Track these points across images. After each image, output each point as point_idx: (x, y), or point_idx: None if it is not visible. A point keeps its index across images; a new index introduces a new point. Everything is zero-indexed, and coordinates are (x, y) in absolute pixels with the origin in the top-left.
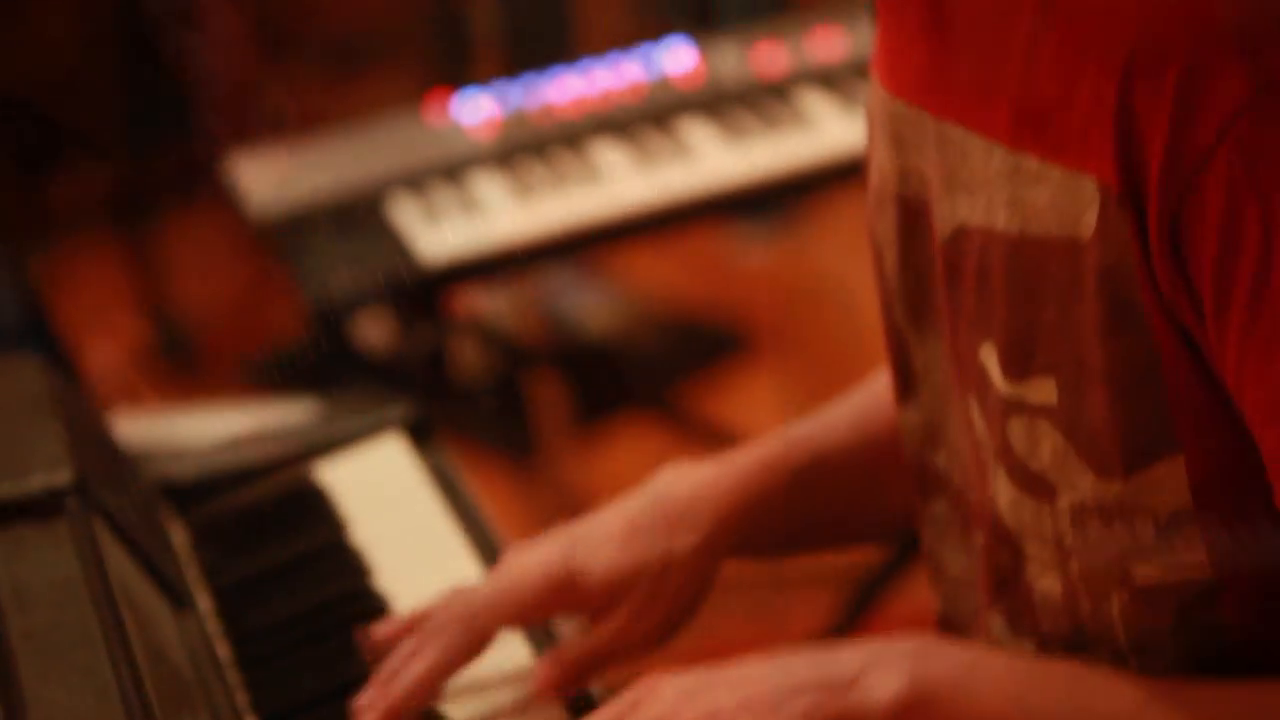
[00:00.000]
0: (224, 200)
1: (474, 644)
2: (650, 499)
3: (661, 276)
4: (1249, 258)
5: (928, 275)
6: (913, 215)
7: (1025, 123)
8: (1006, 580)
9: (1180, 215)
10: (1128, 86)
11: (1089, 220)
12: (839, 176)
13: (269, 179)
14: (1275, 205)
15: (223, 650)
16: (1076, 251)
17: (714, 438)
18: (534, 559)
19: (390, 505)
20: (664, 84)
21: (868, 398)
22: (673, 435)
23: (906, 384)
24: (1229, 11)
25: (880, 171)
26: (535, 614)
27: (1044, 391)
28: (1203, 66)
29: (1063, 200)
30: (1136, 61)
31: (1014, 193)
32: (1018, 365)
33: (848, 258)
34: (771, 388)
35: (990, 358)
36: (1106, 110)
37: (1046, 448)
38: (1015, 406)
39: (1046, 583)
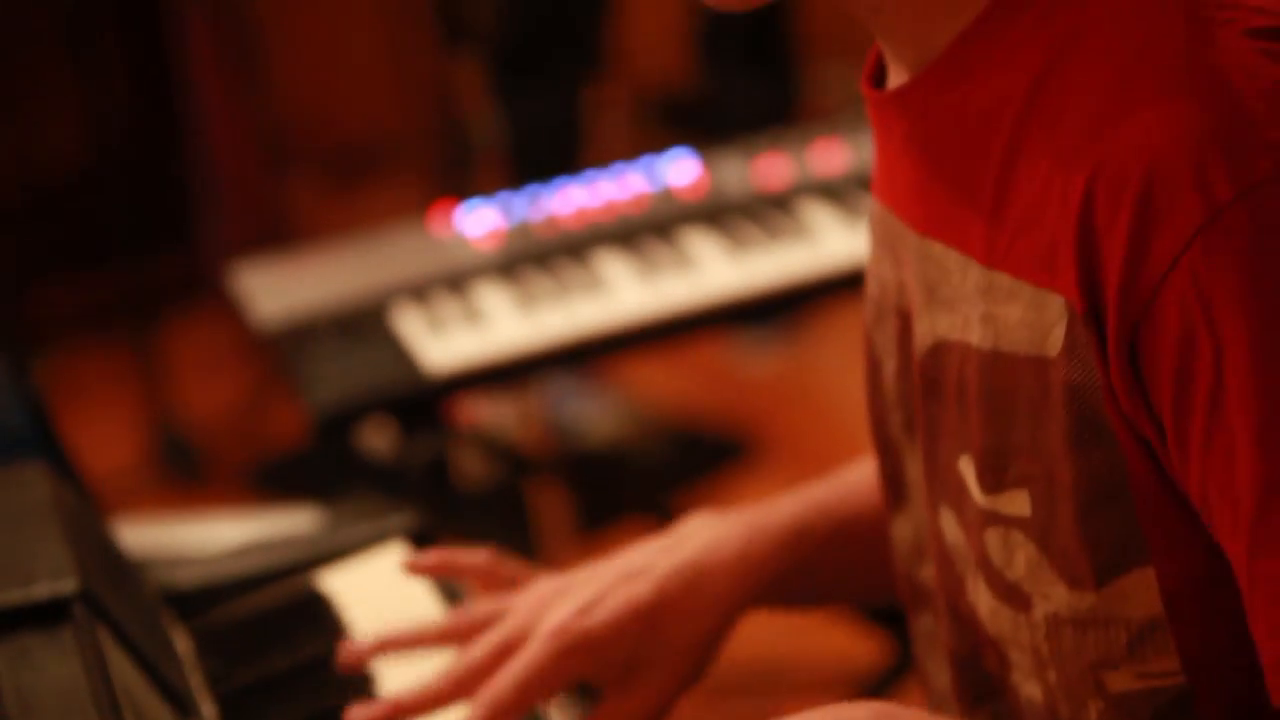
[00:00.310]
0: (227, 307)
1: None
2: (678, 561)
3: (664, 385)
4: (1203, 381)
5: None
6: (905, 327)
7: (999, 241)
8: (994, 686)
9: (1137, 338)
10: (1088, 210)
11: (1056, 337)
12: (841, 287)
13: (273, 288)
14: (1225, 330)
15: None
16: (1045, 368)
17: None
18: (549, 630)
19: (393, 614)
20: (667, 195)
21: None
22: None
23: (899, 496)
24: (1182, 140)
25: (881, 283)
26: (559, 687)
27: (1018, 504)
28: (1156, 194)
29: (1032, 317)
30: (1096, 187)
31: (988, 309)
32: (993, 477)
33: (850, 367)
34: (772, 495)
35: (968, 470)
36: (1069, 232)
37: (1021, 559)
38: (991, 518)
39: (1029, 689)
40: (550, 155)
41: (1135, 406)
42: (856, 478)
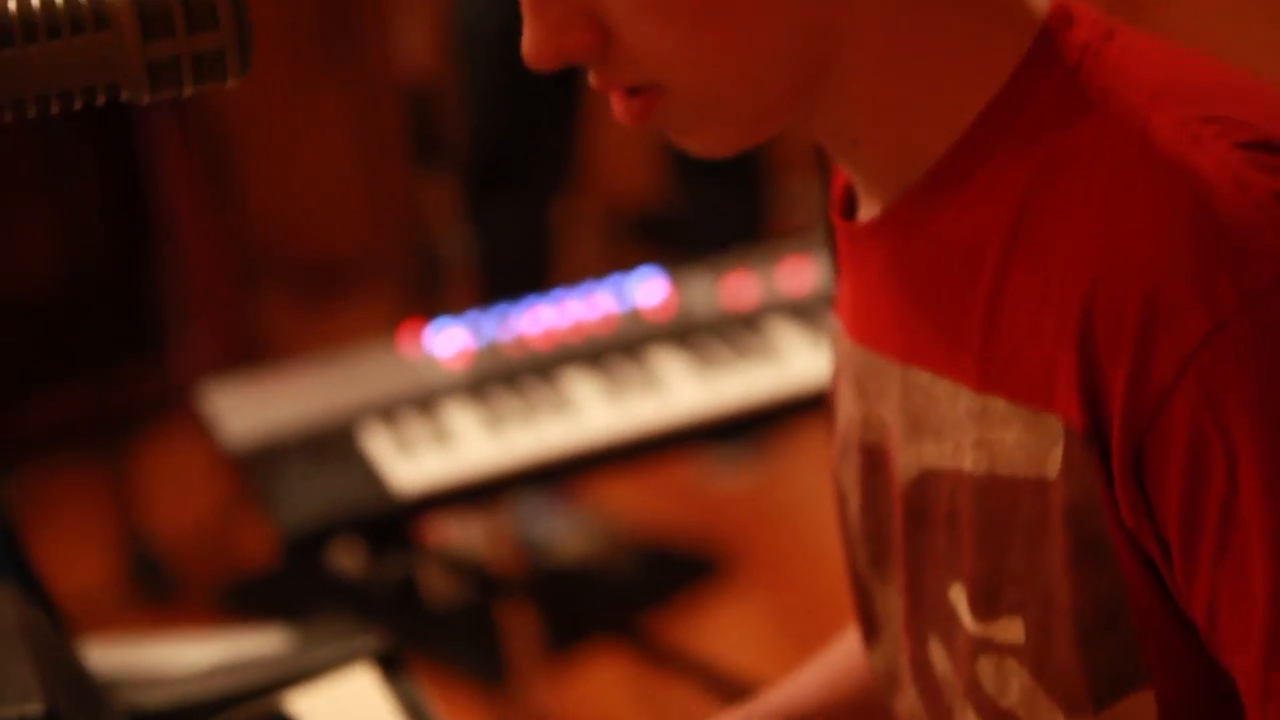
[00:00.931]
0: (198, 425)
1: None
2: None
3: (634, 502)
4: (1216, 489)
5: (888, 521)
6: (874, 462)
7: (991, 366)
8: None
9: (1144, 451)
10: (1088, 328)
11: (1055, 458)
12: (810, 406)
13: (242, 407)
14: (1237, 435)
15: None
16: (1044, 490)
17: (686, 665)
18: None
19: None
20: (635, 315)
21: (838, 655)
22: (645, 662)
23: (871, 628)
24: (1182, 252)
25: (846, 418)
26: None
27: (1012, 631)
28: (1160, 306)
29: (1029, 440)
30: (1095, 304)
31: (981, 434)
32: (986, 605)
33: (821, 485)
34: (744, 614)
35: (960, 598)
36: (1069, 352)
37: (1015, 686)
38: (984, 645)
39: None
40: (519, 274)
41: (1140, 523)
42: (839, 657)
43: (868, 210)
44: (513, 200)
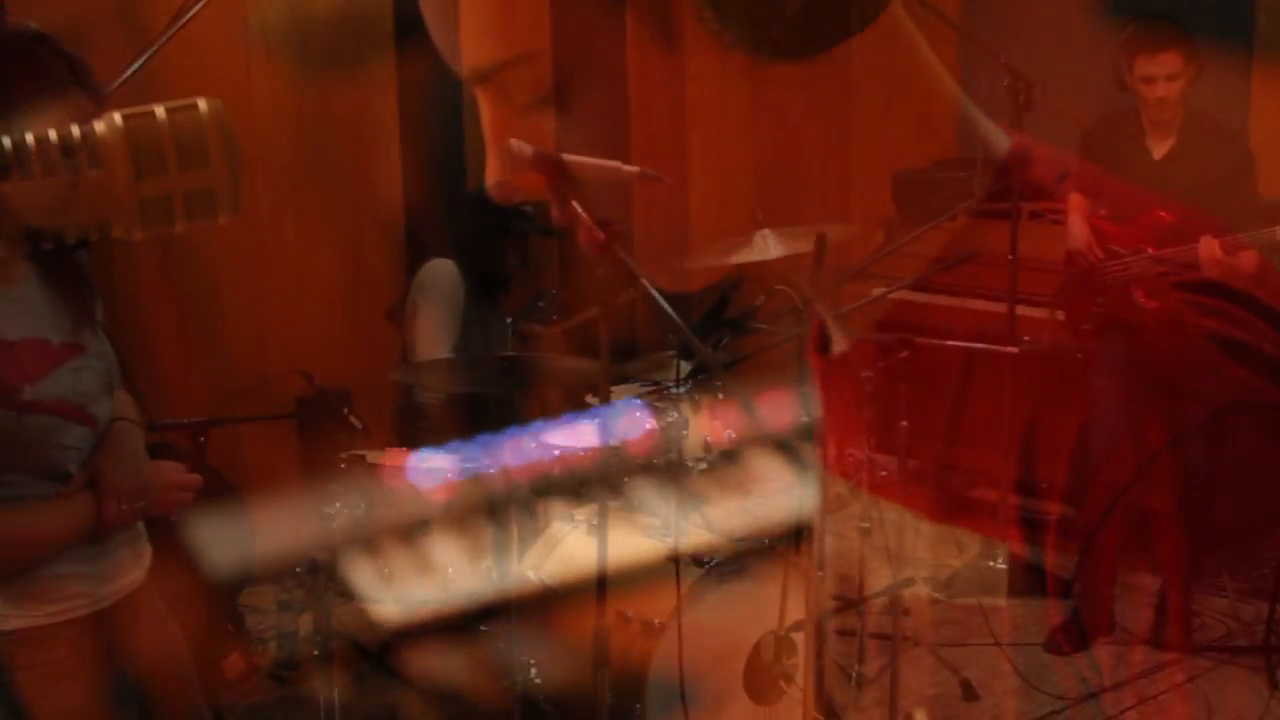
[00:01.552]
0: (181, 551)
1: None
2: None
3: (615, 629)
4: (1145, 615)
5: (865, 645)
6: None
7: (947, 498)
8: None
9: (1075, 578)
10: (1029, 465)
11: (1003, 586)
12: (790, 539)
13: (226, 536)
14: (1164, 564)
15: None
16: (993, 616)
17: None
18: None
19: None
20: (618, 448)
21: None
22: None
23: None
24: (1113, 410)
25: (826, 541)
26: None
27: None
28: (1092, 445)
29: (975, 573)
30: (1036, 440)
31: (939, 560)
32: None
33: (799, 614)
34: None
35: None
36: (1011, 487)
37: None
38: None
39: None
40: (503, 405)
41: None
42: None
43: (838, 345)
44: (496, 330)
